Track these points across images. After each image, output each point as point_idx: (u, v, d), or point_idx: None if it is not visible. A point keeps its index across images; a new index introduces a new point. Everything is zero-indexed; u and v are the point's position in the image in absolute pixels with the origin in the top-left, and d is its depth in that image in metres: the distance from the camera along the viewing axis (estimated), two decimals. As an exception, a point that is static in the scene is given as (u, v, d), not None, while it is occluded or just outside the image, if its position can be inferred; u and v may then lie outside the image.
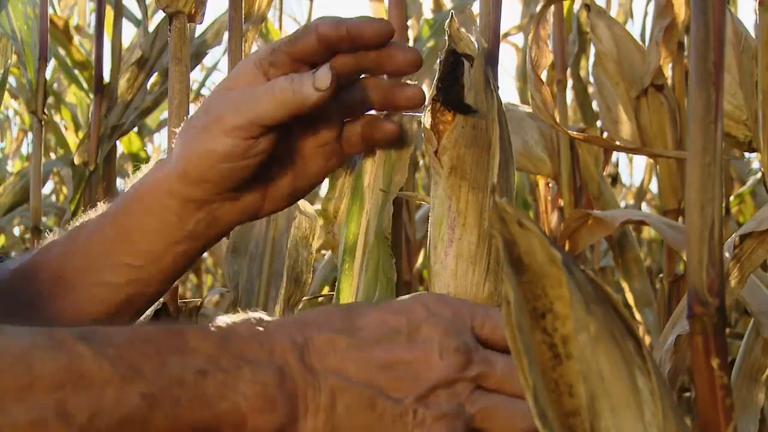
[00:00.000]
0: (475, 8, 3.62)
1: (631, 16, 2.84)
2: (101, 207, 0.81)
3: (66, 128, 2.66)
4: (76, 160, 1.80)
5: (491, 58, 0.77)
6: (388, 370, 0.62)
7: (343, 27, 0.71)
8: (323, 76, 0.69)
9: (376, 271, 0.78)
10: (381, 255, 0.79)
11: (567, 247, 1.60)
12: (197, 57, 1.81)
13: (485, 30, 0.78)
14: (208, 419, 0.58)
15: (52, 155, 3.06)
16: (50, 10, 2.27)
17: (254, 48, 1.23)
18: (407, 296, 0.68)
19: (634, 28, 3.70)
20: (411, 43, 2.36)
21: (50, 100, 2.62)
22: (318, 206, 0.98)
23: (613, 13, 2.78)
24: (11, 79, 2.70)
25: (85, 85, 2.32)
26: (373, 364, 0.62)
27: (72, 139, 2.61)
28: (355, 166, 0.84)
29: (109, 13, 1.95)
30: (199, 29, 1.77)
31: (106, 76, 1.79)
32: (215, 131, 0.72)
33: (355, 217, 0.91)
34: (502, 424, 0.64)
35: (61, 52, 2.14)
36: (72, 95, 2.82)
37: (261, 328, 0.62)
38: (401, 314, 0.64)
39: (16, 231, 3.24)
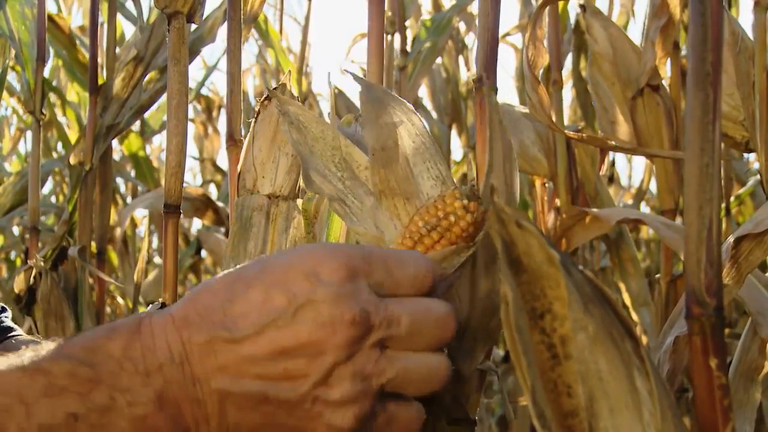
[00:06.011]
0: (475, 8, 3.62)
1: (633, 15, 2.84)
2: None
3: (69, 127, 2.64)
4: (72, 160, 1.79)
5: (490, 60, 0.77)
6: (276, 361, 0.58)
7: None
8: None
9: None
10: None
11: (562, 245, 1.60)
12: (192, 54, 1.81)
13: (484, 32, 0.78)
14: None
15: (55, 155, 3.04)
16: (55, 11, 2.27)
17: (250, 46, 1.22)
18: (294, 252, 0.61)
19: (635, 28, 3.71)
20: (408, 44, 2.37)
21: (53, 98, 2.61)
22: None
23: (616, 12, 2.79)
24: (12, 80, 2.69)
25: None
26: (259, 358, 0.58)
27: (75, 139, 2.60)
28: None
29: (105, 11, 1.94)
30: (193, 25, 1.76)
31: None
32: None
33: (336, 217, 0.91)
34: (417, 386, 0.60)
35: (64, 53, 2.13)
36: (75, 94, 2.81)
37: (135, 343, 0.58)
38: (284, 288, 0.58)
39: (16, 231, 3.24)
